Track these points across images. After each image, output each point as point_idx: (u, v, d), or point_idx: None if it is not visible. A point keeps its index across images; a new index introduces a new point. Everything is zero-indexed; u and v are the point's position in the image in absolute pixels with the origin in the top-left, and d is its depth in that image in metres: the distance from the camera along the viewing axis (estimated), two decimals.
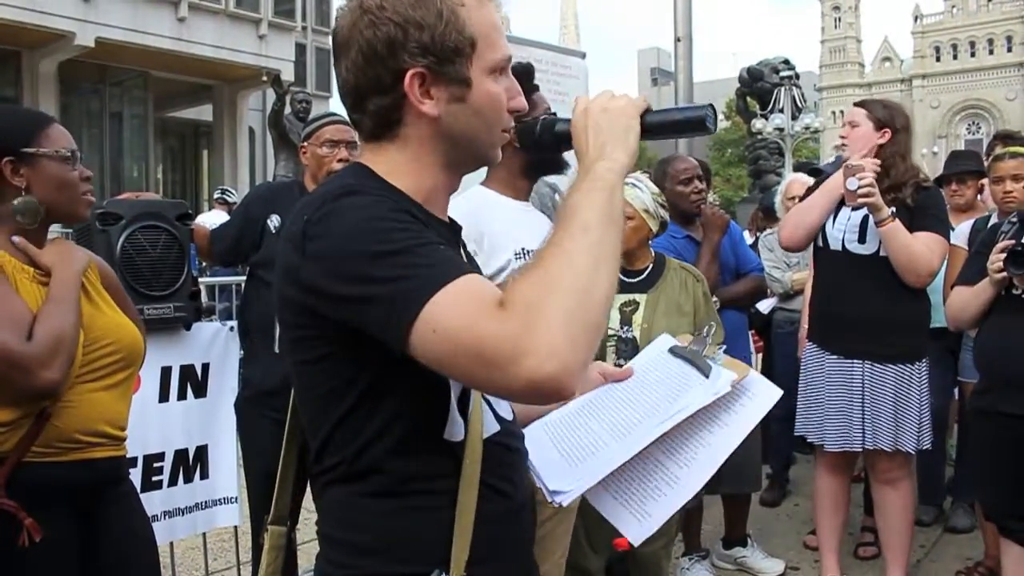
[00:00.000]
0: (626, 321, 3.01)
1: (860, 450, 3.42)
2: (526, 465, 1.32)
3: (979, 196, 4.48)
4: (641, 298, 3.04)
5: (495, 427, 1.23)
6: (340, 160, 3.13)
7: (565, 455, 1.35)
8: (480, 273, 1.12)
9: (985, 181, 4.18)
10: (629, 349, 2.90)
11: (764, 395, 1.44)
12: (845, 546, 3.83)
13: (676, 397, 1.36)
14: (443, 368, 1.01)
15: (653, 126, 1.21)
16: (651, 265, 3.13)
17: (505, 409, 1.28)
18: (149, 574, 2.09)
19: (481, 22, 1.17)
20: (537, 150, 1.19)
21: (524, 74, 1.26)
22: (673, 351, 1.49)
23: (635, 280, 3.08)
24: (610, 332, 2.98)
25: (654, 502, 1.34)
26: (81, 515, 1.89)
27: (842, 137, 3.50)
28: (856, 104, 3.56)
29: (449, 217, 1.28)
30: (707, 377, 1.39)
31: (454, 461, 1.16)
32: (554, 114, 1.23)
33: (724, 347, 1.48)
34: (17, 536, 1.73)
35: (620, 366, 2.48)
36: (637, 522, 1.34)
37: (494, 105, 1.19)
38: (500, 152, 1.26)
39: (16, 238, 1.91)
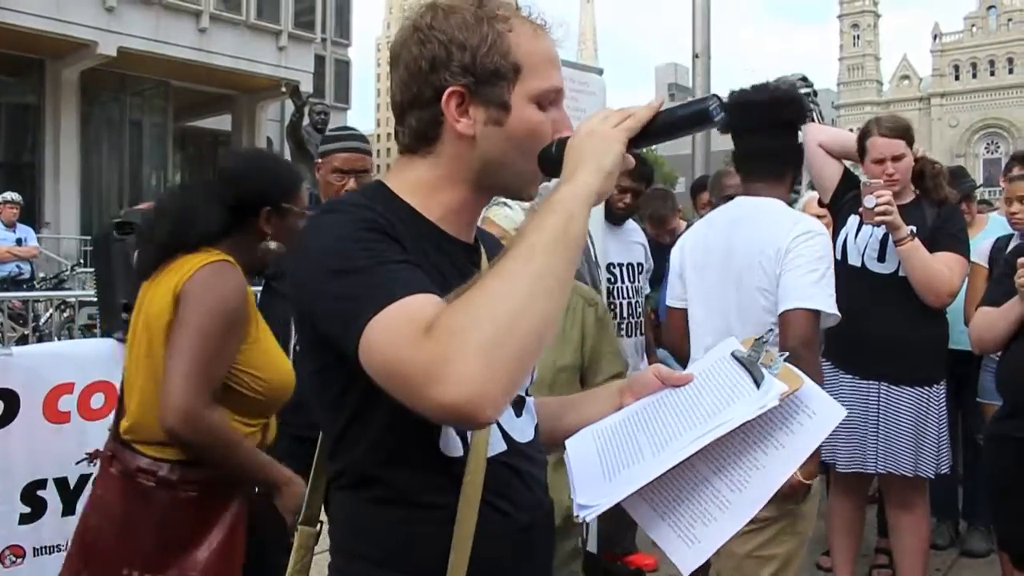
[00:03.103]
0: None
1: (873, 472, 3.38)
2: (538, 484, 1.30)
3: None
4: None
5: (501, 447, 1.22)
6: (346, 191, 3.11)
7: (604, 466, 1.26)
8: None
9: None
10: None
11: (825, 414, 1.27)
12: (859, 568, 3.79)
13: (721, 409, 1.25)
14: (381, 384, 1.02)
15: (659, 128, 1.17)
16: None
17: (520, 429, 1.27)
18: None
19: (532, 51, 1.19)
20: (554, 169, 1.16)
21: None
22: (735, 355, 1.36)
23: None
24: None
25: (704, 527, 1.22)
26: None
27: (890, 175, 3.27)
28: (886, 133, 3.33)
29: (475, 237, 1.29)
30: (758, 387, 1.26)
31: (453, 477, 1.16)
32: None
33: (786, 355, 1.32)
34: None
35: None
36: (686, 547, 1.22)
37: (531, 133, 1.19)
38: (535, 189, 1.25)
39: None
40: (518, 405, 1.28)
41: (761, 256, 2.49)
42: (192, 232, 2.03)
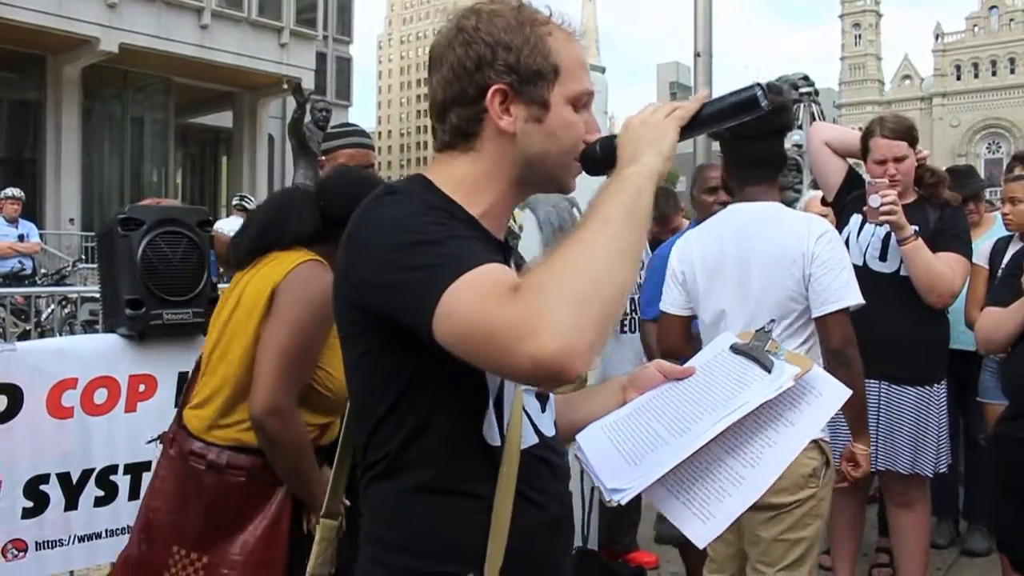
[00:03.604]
0: None
1: (874, 471, 3.38)
2: (565, 476, 1.35)
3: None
4: None
5: (533, 439, 1.27)
6: None
7: (624, 455, 1.32)
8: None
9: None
10: None
11: (832, 394, 1.38)
12: (859, 567, 3.80)
13: (737, 393, 1.32)
14: (460, 351, 1.04)
15: (706, 118, 1.24)
16: None
17: (546, 425, 1.32)
18: None
19: (567, 55, 1.25)
20: (597, 168, 1.24)
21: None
22: (734, 348, 1.45)
23: None
24: None
25: (719, 503, 1.29)
26: None
27: (891, 176, 3.27)
28: (888, 135, 3.32)
29: (505, 237, 1.33)
30: (769, 372, 1.35)
31: (492, 466, 1.20)
32: (614, 136, 1.27)
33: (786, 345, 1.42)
34: None
35: None
36: (701, 523, 1.29)
37: (569, 131, 1.25)
38: (574, 181, 1.31)
39: None
40: (543, 400, 1.33)
41: (786, 261, 2.53)
42: (286, 230, 2.14)
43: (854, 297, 2.55)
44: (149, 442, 2.61)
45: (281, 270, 2.07)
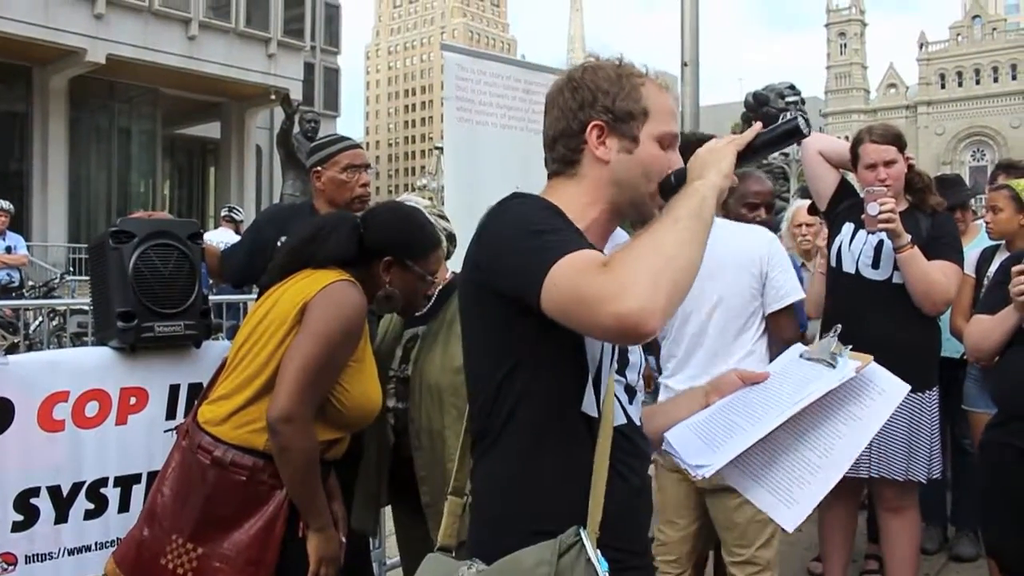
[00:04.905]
0: (406, 359, 2.63)
1: (866, 477, 3.40)
2: (647, 458, 1.58)
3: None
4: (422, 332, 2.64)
5: (623, 419, 1.50)
6: (363, 184, 3.17)
7: (706, 442, 1.52)
8: None
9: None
10: (406, 390, 2.59)
11: (893, 390, 1.56)
12: (849, 573, 3.82)
13: (805, 386, 1.51)
14: (560, 315, 1.26)
15: (760, 145, 1.50)
16: (436, 292, 2.61)
17: (633, 412, 1.55)
18: None
19: (657, 102, 1.51)
20: (672, 195, 1.44)
21: (687, 147, 1.58)
22: (803, 355, 1.65)
23: (419, 313, 2.59)
24: (390, 374, 2.63)
25: (800, 489, 1.48)
26: None
27: (882, 180, 3.31)
28: (877, 140, 3.39)
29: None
30: (834, 368, 1.54)
31: (590, 435, 1.42)
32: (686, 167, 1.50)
33: (850, 346, 1.59)
34: None
35: (400, 409, 2.59)
36: (786, 508, 1.49)
37: (654, 164, 1.50)
38: (657, 210, 1.51)
39: None
40: (631, 393, 1.56)
41: (750, 263, 2.92)
42: (321, 250, 2.25)
43: (799, 293, 2.99)
44: (166, 431, 2.72)
45: (316, 286, 2.16)
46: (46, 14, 18.35)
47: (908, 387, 1.57)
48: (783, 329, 2.94)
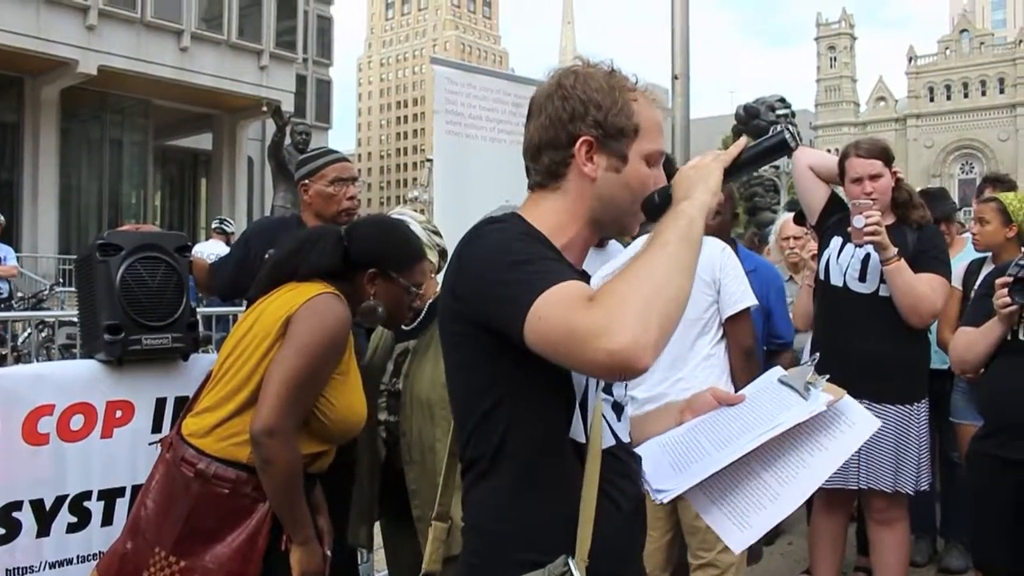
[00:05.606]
0: (397, 373, 2.63)
1: (855, 489, 3.41)
2: (638, 478, 1.53)
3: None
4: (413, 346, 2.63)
5: (611, 441, 1.45)
6: (350, 197, 3.17)
7: (673, 462, 1.53)
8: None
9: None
10: (397, 404, 2.59)
11: (862, 424, 1.55)
12: None
13: (776, 415, 1.51)
14: (547, 352, 1.22)
15: (746, 160, 1.47)
16: (426, 306, 2.59)
17: (622, 431, 1.51)
18: None
19: (647, 118, 1.45)
20: (656, 213, 1.41)
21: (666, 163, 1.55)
22: (780, 380, 1.63)
23: (410, 327, 2.62)
24: (381, 388, 2.65)
25: (755, 515, 1.48)
26: None
27: (868, 193, 3.32)
28: (863, 154, 3.40)
29: (582, 269, 1.50)
30: (806, 399, 1.53)
31: (578, 461, 1.37)
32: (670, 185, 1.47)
33: (827, 376, 1.58)
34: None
35: (391, 422, 2.57)
36: (739, 531, 1.48)
37: (641, 183, 1.45)
38: (637, 226, 1.52)
39: None
40: (618, 411, 1.51)
41: (702, 271, 2.96)
42: (305, 263, 2.24)
43: (752, 300, 3.10)
44: (151, 444, 2.69)
45: (300, 299, 2.16)
46: (38, 25, 18.33)
47: (879, 422, 1.58)
48: (740, 334, 3.08)
